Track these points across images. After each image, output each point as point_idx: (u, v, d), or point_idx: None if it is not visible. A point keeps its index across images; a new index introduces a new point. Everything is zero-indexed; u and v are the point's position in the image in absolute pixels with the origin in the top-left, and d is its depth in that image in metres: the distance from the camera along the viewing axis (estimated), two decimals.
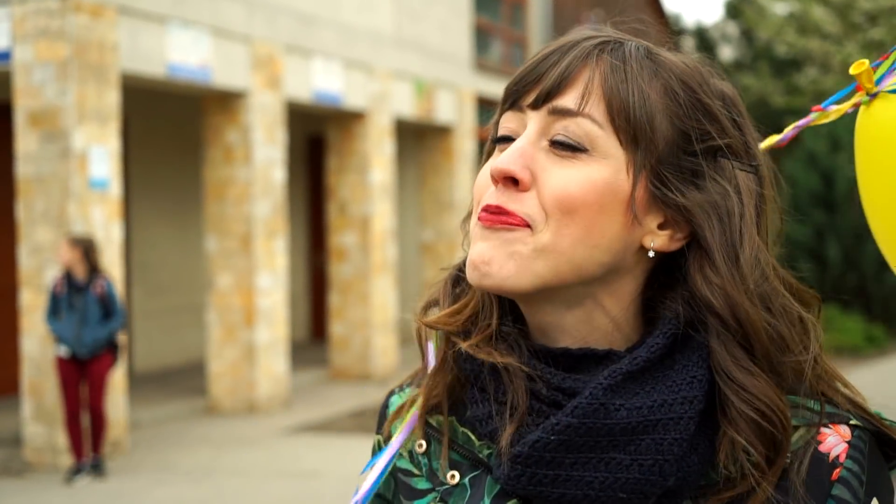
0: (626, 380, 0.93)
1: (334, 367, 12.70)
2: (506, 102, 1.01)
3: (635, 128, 0.95)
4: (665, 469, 0.90)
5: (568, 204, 0.94)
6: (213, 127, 10.55)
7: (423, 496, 1.04)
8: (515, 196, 0.95)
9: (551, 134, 0.96)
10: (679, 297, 0.96)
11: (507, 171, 0.95)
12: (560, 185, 0.94)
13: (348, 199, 12.63)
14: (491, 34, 16.64)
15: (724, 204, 0.96)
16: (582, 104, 0.95)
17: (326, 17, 11.89)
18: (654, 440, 0.91)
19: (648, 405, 0.92)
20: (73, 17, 8.27)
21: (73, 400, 7.68)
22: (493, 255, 0.95)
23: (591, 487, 0.91)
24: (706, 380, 0.93)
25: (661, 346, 0.94)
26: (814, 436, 0.95)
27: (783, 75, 17.87)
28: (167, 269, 12.72)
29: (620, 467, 0.91)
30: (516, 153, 0.96)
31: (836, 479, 0.93)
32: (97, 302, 7.72)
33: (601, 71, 0.96)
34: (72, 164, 8.24)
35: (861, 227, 15.00)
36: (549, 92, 0.96)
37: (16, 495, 7.62)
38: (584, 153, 0.95)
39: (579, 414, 0.92)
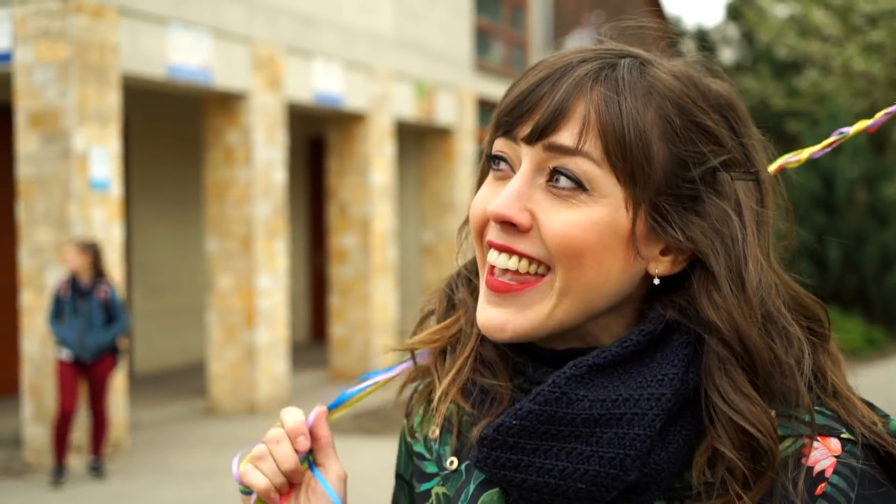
0: (592, 372, 0.94)
1: (335, 368, 12.70)
2: (499, 129, 0.99)
3: (632, 164, 0.93)
4: (626, 464, 0.90)
5: (573, 248, 0.94)
6: (214, 128, 10.55)
7: (430, 479, 1.08)
8: (520, 237, 0.96)
9: (547, 171, 0.96)
10: (670, 304, 0.96)
11: (504, 215, 0.95)
12: (562, 229, 0.94)
13: (349, 200, 12.64)
14: (491, 35, 16.64)
15: (727, 228, 0.95)
16: (580, 143, 0.93)
17: (327, 19, 11.90)
18: (617, 434, 0.91)
19: (613, 398, 0.92)
20: (73, 19, 8.28)
21: (69, 403, 7.66)
22: (507, 319, 0.97)
23: (550, 475, 0.92)
24: (679, 379, 0.92)
25: (633, 342, 0.95)
26: (799, 448, 0.93)
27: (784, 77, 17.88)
28: (167, 270, 12.72)
29: (581, 458, 0.92)
30: (513, 196, 0.95)
31: (819, 495, 0.91)
32: (101, 307, 7.73)
33: (595, 105, 0.94)
34: (72, 165, 8.24)
35: (862, 230, 15.03)
36: (544, 127, 0.95)
37: (16, 496, 7.62)
38: (583, 192, 0.94)
39: (540, 401, 0.93)
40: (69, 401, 7.67)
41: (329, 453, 1.09)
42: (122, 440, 8.73)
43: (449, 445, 1.06)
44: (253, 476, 1.04)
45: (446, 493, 1.04)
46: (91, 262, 7.71)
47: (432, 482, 1.07)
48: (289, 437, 1.05)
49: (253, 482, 1.04)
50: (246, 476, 1.05)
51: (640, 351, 0.95)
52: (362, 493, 7.55)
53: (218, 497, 7.40)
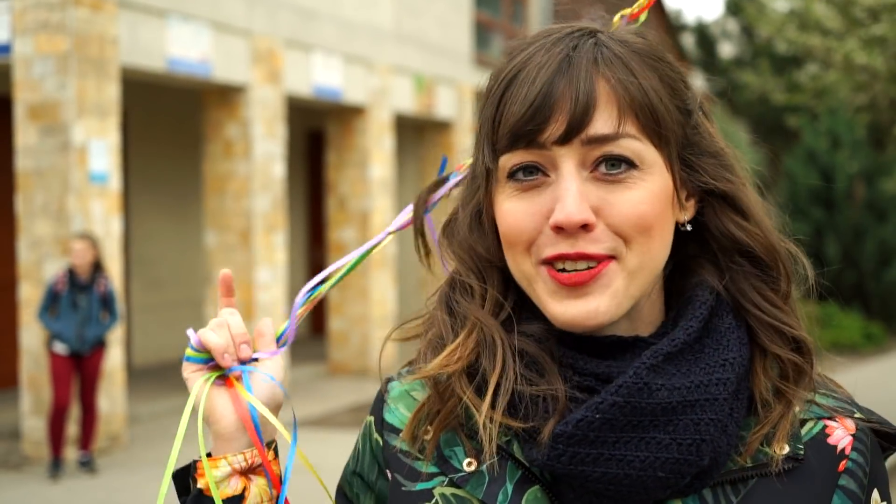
0: (666, 361, 0.96)
1: (333, 362, 12.71)
2: (517, 143, 0.96)
3: (665, 128, 0.98)
4: (702, 449, 0.93)
5: (645, 224, 0.96)
6: (213, 121, 10.54)
7: (429, 479, 1.03)
8: (588, 237, 0.95)
9: (593, 163, 0.96)
10: (713, 273, 1.02)
11: (581, 220, 0.94)
12: (633, 209, 0.95)
13: (348, 193, 12.63)
14: (491, 29, 16.63)
15: (726, 158, 1.03)
16: (620, 126, 0.95)
17: (326, 12, 11.88)
18: (693, 420, 0.93)
19: (687, 386, 0.95)
20: (73, 11, 8.26)
21: (65, 396, 7.66)
22: (597, 304, 0.96)
23: (631, 466, 0.93)
24: (738, 363, 0.97)
25: (695, 329, 0.98)
26: (822, 428, 0.99)
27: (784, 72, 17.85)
28: (166, 263, 12.72)
29: (661, 447, 0.93)
30: (577, 198, 0.94)
31: (842, 471, 0.97)
32: (99, 300, 7.75)
33: (614, 86, 0.95)
34: (71, 158, 8.23)
35: (860, 225, 15.03)
36: (579, 123, 0.94)
37: (14, 488, 7.63)
38: (635, 170, 0.96)
39: (624, 393, 0.94)
40: (64, 394, 7.67)
41: (269, 346, 1.11)
42: (121, 433, 8.73)
43: (461, 447, 1.03)
44: (210, 335, 1.06)
45: (460, 494, 1.01)
46: (95, 257, 7.75)
47: (432, 482, 1.03)
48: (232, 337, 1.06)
49: (209, 339, 1.05)
50: (204, 336, 1.06)
51: (699, 337, 0.99)
52: None
53: None
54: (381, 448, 1.10)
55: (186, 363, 1.07)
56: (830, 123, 15.45)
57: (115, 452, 8.52)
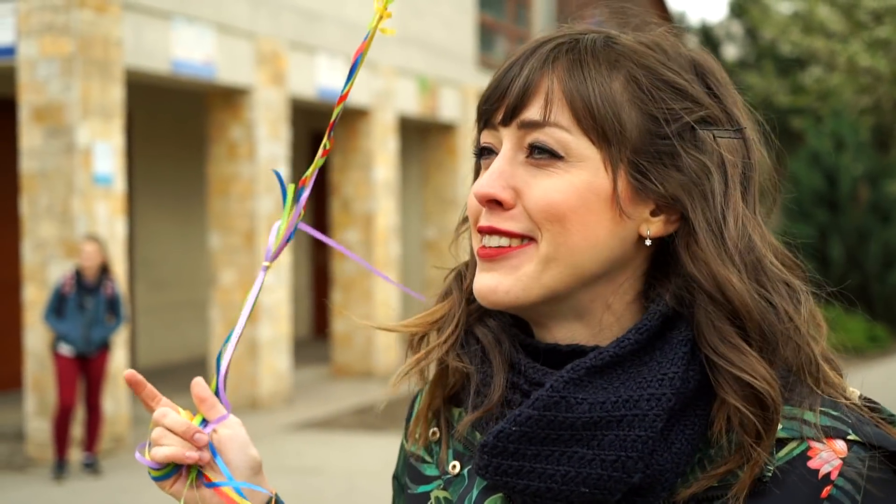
0: (591, 374, 0.93)
1: (336, 364, 12.71)
2: (480, 121, 1.03)
3: (603, 125, 0.95)
4: (628, 466, 0.90)
5: (555, 212, 0.95)
6: (217, 123, 10.55)
7: (429, 482, 1.06)
8: (505, 215, 0.97)
9: (525, 148, 0.98)
10: (671, 284, 0.96)
11: (488, 194, 0.97)
12: (543, 195, 0.96)
13: (352, 195, 12.64)
14: (495, 31, 16.63)
15: (705, 180, 0.95)
16: (546, 114, 0.96)
17: (330, 14, 11.90)
18: (618, 436, 0.90)
19: (612, 401, 0.92)
20: (77, 13, 8.28)
21: (70, 397, 7.67)
22: (499, 281, 0.97)
23: (553, 480, 0.91)
24: (679, 378, 0.92)
25: (631, 342, 0.94)
26: (804, 450, 0.91)
27: (788, 74, 17.84)
28: (170, 264, 12.73)
29: (583, 462, 0.91)
30: (495, 174, 0.98)
31: (825, 497, 0.89)
32: (106, 302, 7.77)
33: (558, 76, 0.97)
34: (76, 160, 8.25)
35: (864, 227, 15.01)
36: (514, 107, 0.98)
37: (18, 490, 7.63)
38: (559, 160, 0.96)
39: (539, 406, 0.93)
40: (69, 395, 7.68)
41: (217, 408, 1.09)
42: (125, 435, 8.74)
43: (451, 449, 1.05)
44: (160, 451, 1.05)
45: (448, 497, 1.03)
46: (102, 260, 7.79)
47: (431, 485, 1.05)
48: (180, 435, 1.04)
49: (163, 455, 1.04)
50: (157, 454, 1.05)
51: (638, 350, 0.94)
52: (364, 488, 7.59)
53: None
54: (407, 455, 1.13)
55: (158, 483, 1.07)
56: (834, 126, 15.44)
57: (119, 454, 8.53)
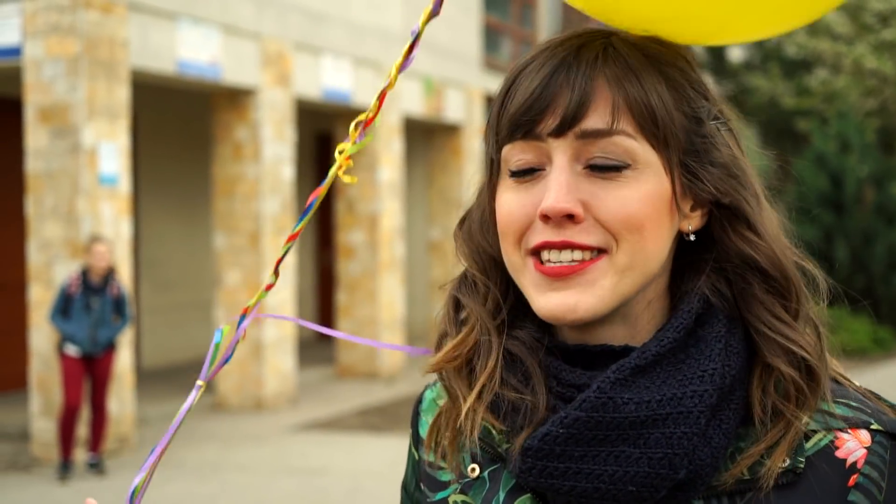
0: (635, 374, 0.94)
1: (341, 364, 12.71)
2: (515, 132, 0.98)
3: (664, 130, 0.96)
4: (675, 463, 0.91)
5: (635, 223, 0.95)
6: (223, 124, 10.57)
7: (445, 488, 1.06)
8: (577, 228, 0.95)
9: (586, 158, 0.96)
10: (704, 275, 0.99)
11: (564, 209, 0.94)
12: (622, 206, 0.95)
13: (356, 197, 12.64)
14: (500, 33, 16.63)
15: (739, 171, 1.00)
16: (614, 122, 0.95)
17: (336, 15, 11.90)
18: (664, 434, 0.92)
19: (657, 399, 0.93)
20: (83, 14, 8.29)
21: (76, 398, 7.69)
22: (578, 299, 0.96)
23: (601, 480, 0.92)
24: (718, 374, 0.94)
25: (671, 340, 0.96)
26: (831, 441, 0.94)
27: (793, 76, 17.81)
28: (175, 265, 12.74)
29: (630, 461, 0.92)
30: (564, 188, 0.95)
31: (852, 486, 0.93)
32: (112, 302, 7.79)
33: (615, 82, 0.96)
34: (81, 160, 8.26)
35: (870, 229, 14.98)
36: (572, 117, 0.95)
37: (23, 490, 7.65)
38: (627, 169, 0.95)
39: (587, 408, 0.93)
40: (75, 396, 7.69)
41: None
42: (129, 435, 8.75)
43: (467, 453, 1.04)
44: None
45: (467, 500, 1.03)
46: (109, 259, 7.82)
47: (448, 490, 1.05)
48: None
49: None
50: None
51: (677, 347, 0.96)
52: (368, 489, 7.59)
53: (224, 492, 7.41)
54: (416, 462, 1.13)
55: None
56: (840, 127, 15.42)
57: (123, 454, 8.54)
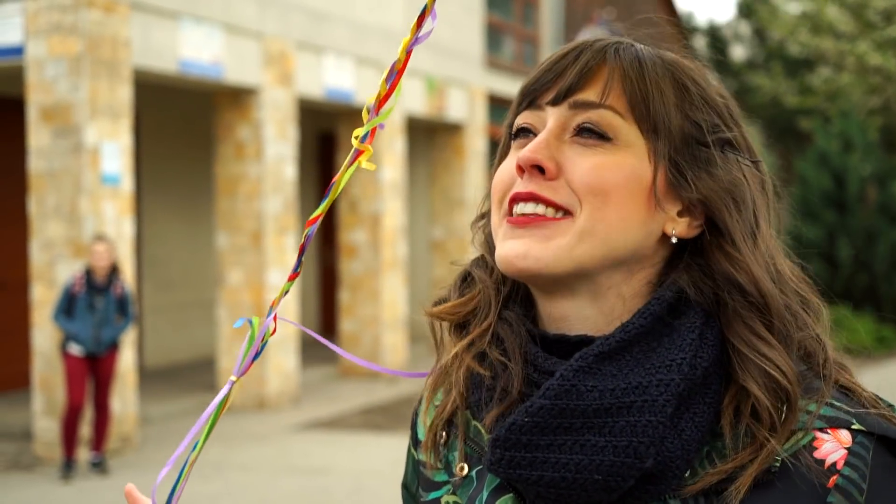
0: (599, 361, 0.94)
1: (344, 364, 12.72)
2: (522, 102, 1.04)
3: (655, 117, 0.99)
4: (640, 451, 0.90)
5: (601, 187, 0.97)
6: (225, 123, 10.57)
7: (439, 488, 1.06)
8: (546, 184, 0.98)
9: (573, 128, 0.99)
10: (685, 277, 0.98)
11: (534, 158, 0.98)
12: (592, 169, 0.97)
13: (359, 196, 12.64)
14: (503, 32, 16.62)
15: (739, 190, 1.00)
16: (604, 97, 0.99)
17: (338, 15, 11.90)
18: (629, 423, 0.91)
19: (622, 387, 0.92)
20: (85, 13, 8.30)
21: (79, 397, 7.70)
22: (529, 247, 0.97)
23: (566, 469, 0.91)
24: (687, 363, 0.93)
25: (636, 326, 0.95)
26: (810, 441, 0.93)
27: (796, 75, 17.80)
28: (178, 264, 12.75)
29: (595, 449, 0.91)
30: (541, 144, 0.99)
31: (831, 487, 0.90)
32: (115, 302, 7.80)
33: (620, 66, 1.00)
34: (84, 160, 8.27)
35: (873, 228, 14.97)
36: (569, 87, 1.00)
37: (26, 489, 7.65)
38: (608, 142, 0.98)
39: (550, 395, 0.93)
40: (79, 395, 7.70)
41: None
42: (132, 434, 8.76)
43: (457, 451, 1.05)
44: None
45: (458, 501, 1.03)
46: (112, 260, 7.82)
47: (441, 490, 1.05)
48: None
49: None
50: None
51: (645, 334, 0.95)
52: (371, 488, 7.59)
53: (227, 492, 7.42)
54: (416, 463, 1.14)
55: None
56: (843, 126, 15.40)
57: (126, 453, 8.54)
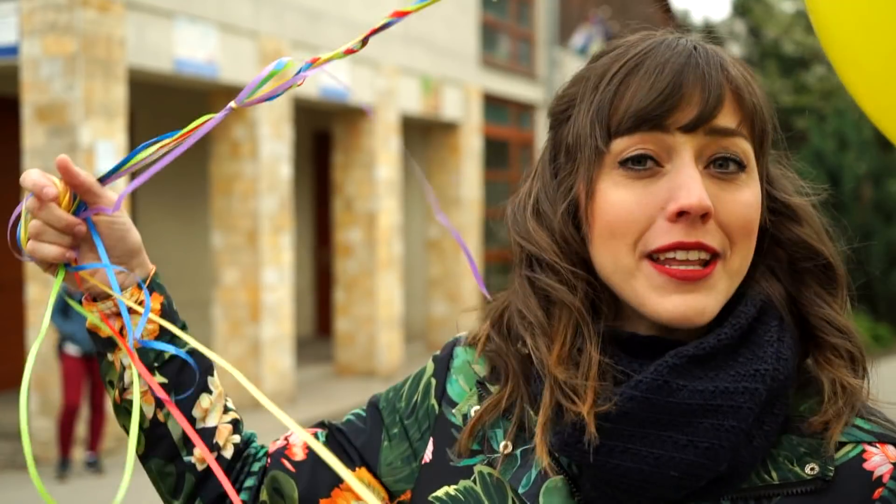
0: (691, 363, 0.95)
1: (339, 363, 12.71)
2: (642, 124, 0.95)
3: (762, 137, 1.01)
4: (719, 454, 0.92)
5: (751, 228, 0.98)
6: (220, 122, 10.54)
7: (471, 456, 1.07)
8: (704, 229, 0.95)
9: (708, 156, 0.97)
10: (767, 275, 1.03)
11: (707, 206, 0.94)
12: (744, 210, 0.97)
13: (354, 195, 12.64)
14: (498, 31, 16.62)
15: (790, 182, 1.07)
16: (739, 124, 0.97)
17: (333, 13, 11.90)
18: (713, 425, 0.92)
19: (710, 390, 0.94)
20: (80, 12, 8.28)
21: (76, 397, 7.70)
22: (706, 304, 0.96)
23: (646, 462, 0.93)
24: (769, 375, 0.95)
25: (728, 336, 0.96)
26: (860, 453, 0.96)
27: (791, 73, 17.83)
28: (173, 264, 12.74)
29: (677, 446, 0.92)
30: (698, 186, 0.94)
31: (877, 498, 0.94)
32: None
33: (738, 86, 0.98)
34: (79, 159, 8.25)
35: (868, 226, 14.99)
36: (709, 113, 0.95)
37: (21, 488, 7.65)
38: (742, 172, 0.98)
39: (643, 388, 0.94)
40: (75, 395, 7.70)
41: (94, 191, 1.15)
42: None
43: (501, 429, 1.06)
44: (42, 250, 1.10)
45: (494, 475, 1.04)
46: None
47: (474, 459, 1.06)
48: (36, 196, 1.08)
49: (45, 255, 1.10)
50: (36, 254, 1.10)
51: (733, 344, 0.97)
52: None
53: None
54: (435, 415, 1.13)
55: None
56: (838, 125, 15.42)
57: (121, 453, 8.53)
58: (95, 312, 1.14)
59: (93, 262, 1.14)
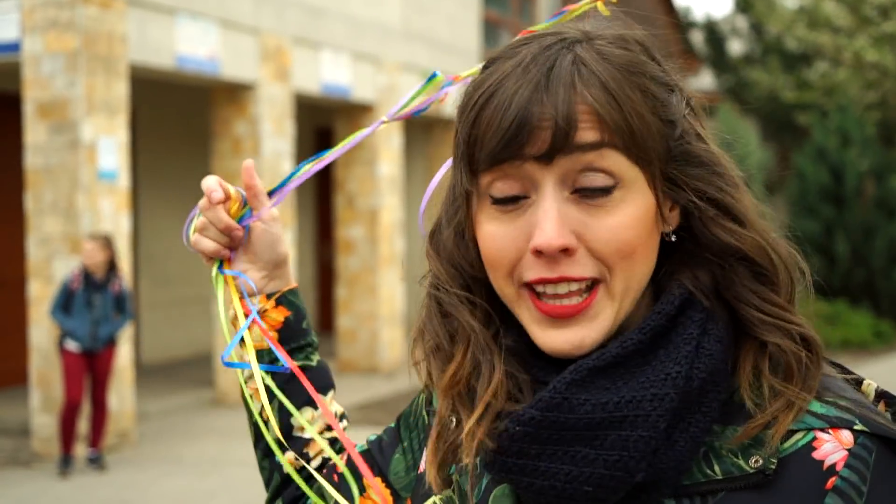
0: (593, 374, 0.93)
1: (341, 359, 12.72)
2: (497, 159, 0.93)
3: (643, 146, 0.93)
4: (630, 466, 0.90)
5: (628, 250, 0.93)
6: (222, 119, 10.56)
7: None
8: (569, 261, 0.93)
9: (572, 181, 0.92)
10: (687, 270, 0.98)
11: (560, 244, 0.91)
12: (614, 235, 0.92)
13: (356, 191, 12.64)
14: (500, 27, 16.61)
15: (713, 160, 0.97)
16: (602, 136, 0.91)
17: (335, 10, 11.89)
18: (620, 437, 0.90)
19: (615, 401, 0.91)
20: (82, 9, 8.28)
21: (77, 393, 7.70)
22: (583, 336, 0.95)
23: (556, 479, 0.91)
24: (682, 377, 0.91)
25: (633, 341, 0.94)
26: (809, 441, 0.91)
27: (793, 70, 17.79)
28: (175, 260, 12.74)
29: (586, 461, 0.91)
30: (556, 221, 0.91)
31: (829, 489, 0.89)
32: (113, 299, 7.79)
33: (593, 100, 0.91)
34: (80, 156, 8.25)
35: (870, 223, 14.98)
36: (561, 140, 0.91)
37: (23, 485, 7.65)
38: (615, 189, 0.92)
39: (542, 407, 0.92)
40: (77, 391, 7.70)
41: (261, 200, 1.34)
42: (130, 430, 8.75)
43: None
44: (201, 243, 1.28)
45: (460, 481, 1.04)
46: (109, 257, 7.78)
47: (453, 468, 1.06)
48: (208, 197, 1.26)
49: (204, 249, 1.28)
50: (196, 245, 1.27)
51: (642, 349, 0.94)
52: None
53: (224, 488, 7.42)
54: (425, 425, 1.18)
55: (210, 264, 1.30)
56: (840, 121, 15.40)
57: (123, 449, 8.54)
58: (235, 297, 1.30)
59: (245, 265, 1.31)
